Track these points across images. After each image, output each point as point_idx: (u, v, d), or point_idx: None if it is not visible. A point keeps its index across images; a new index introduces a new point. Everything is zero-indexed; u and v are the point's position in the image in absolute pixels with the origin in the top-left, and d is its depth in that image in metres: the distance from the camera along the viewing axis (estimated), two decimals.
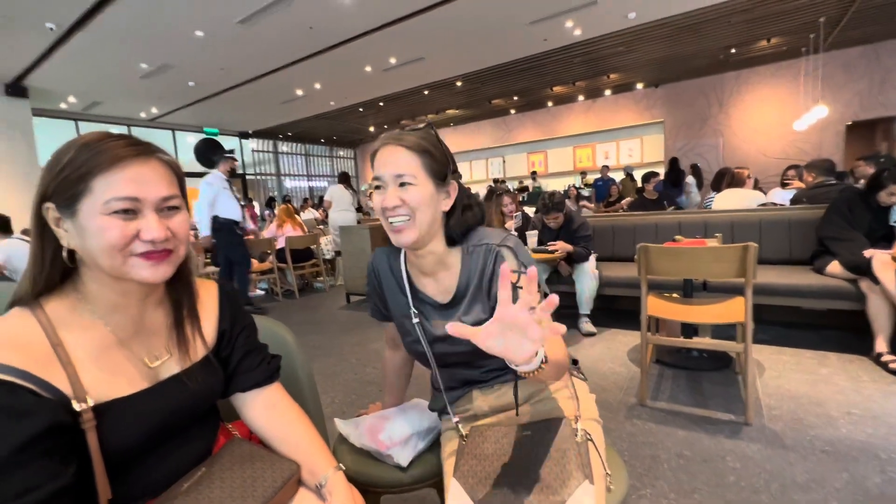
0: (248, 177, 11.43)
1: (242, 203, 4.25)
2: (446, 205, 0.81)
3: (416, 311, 0.86)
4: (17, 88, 6.38)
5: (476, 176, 11.78)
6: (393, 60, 6.52)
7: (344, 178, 5.85)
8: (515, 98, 9.54)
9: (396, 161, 0.76)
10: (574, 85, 8.73)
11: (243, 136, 11.03)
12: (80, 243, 0.55)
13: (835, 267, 2.35)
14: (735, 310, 1.79)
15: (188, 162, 9.59)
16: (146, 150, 0.58)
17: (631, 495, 1.36)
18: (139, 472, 0.61)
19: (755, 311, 1.74)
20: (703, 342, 1.85)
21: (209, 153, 4.12)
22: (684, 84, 8.84)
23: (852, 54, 7.29)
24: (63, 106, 7.60)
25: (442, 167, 0.78)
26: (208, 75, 6.57)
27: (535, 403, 0.85)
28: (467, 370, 0.88)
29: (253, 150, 11.51)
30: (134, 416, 0.59)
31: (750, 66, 8.06)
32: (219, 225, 3.96)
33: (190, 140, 9.82)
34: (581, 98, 9.87)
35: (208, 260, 5.47)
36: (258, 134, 11.23)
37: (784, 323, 2.77)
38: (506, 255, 0.80)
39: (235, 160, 4.17)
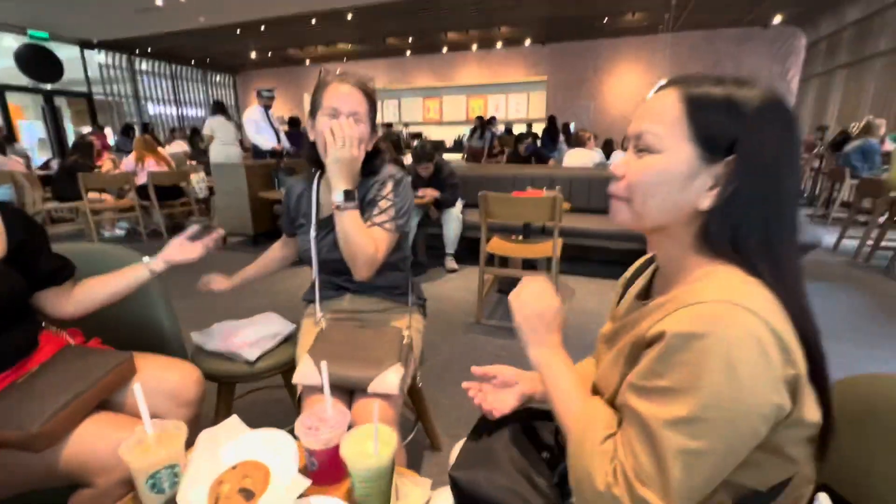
0: (95, 97, 9.61)
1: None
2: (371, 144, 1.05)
3: (316, 228, 1.09)
4: None
5: None
6: None
7: (220, 108, 5.34)
8: (410, 39, 9.33)
9: (353, 100, 0.99)
10: (468, 33, 8.83)
11: (86, 45, 9.11)
12: None
13: None
14: (546, 248, 2.29)
15: (7, 69, 7.78)
16: None
17: (455, 383, 1.79)
18: None
19: (579, 249, 2.22)
20: (517, 272, 2.36)
21: (37, 62, 3.51)
22: (567, 45, 9.50)
23: (696, 37, 8.52)
24: None
25: (374, 114, 1.04)
26: None
27: (381, 313, 1.15)
28: (344, 283, 1.13)
29: (101, 65, 9.63)
30: None
31: (619, 37, 8.94)
32: (257, 153, 4.78)
33: (8, 43, 7.87)
34: (475, 48, 10.04)
35: (48, 195, 4.76)
36: (106, 45, 9.38)
37: (592, 259, 3.47)
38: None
39: (272, 97, 4.70)
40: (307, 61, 11.24)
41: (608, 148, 5.39)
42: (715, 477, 0.44)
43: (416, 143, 8.43)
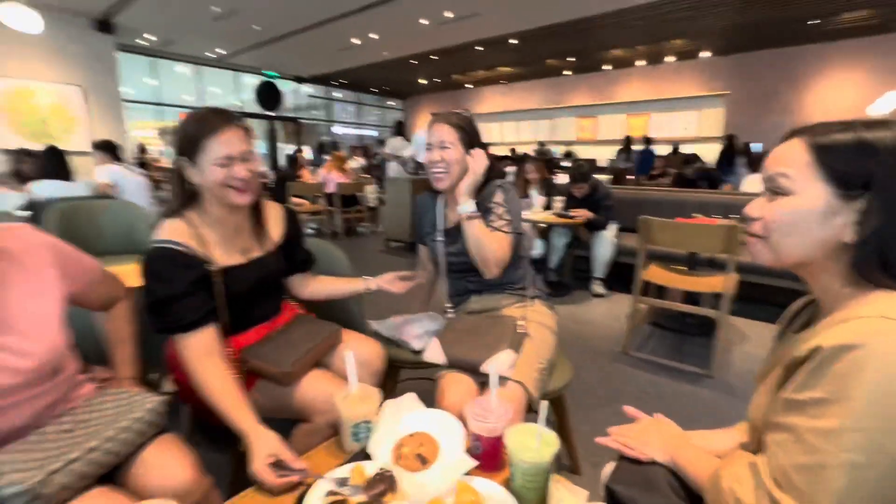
0: (300, 121, 11.93)
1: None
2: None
3: (443, 237, 1.30)
4: (104, 25, 6.97)
5: (523, 137, 11.68)
6: (449, 14, 6.55)
7: (400, 129, 6.14)
8: (570, 59, 9.27)
9: (441, 133, 1.20)
10: (634, 49, 8.38)
11: (298, 80, 11.41)
12: (202, 180, 0.91)
13: None
14: (716, 282, 2.04)
15: (247, 101, 10.21)
16: (230, 120, 0.90)
17: (595, 409, 1.73)
18: (246, 311, 1.01)
19: (755, 288, 1.96)
20: (678, 305, 2.13)
21: (269, 96, 4.50)
22: (755, 55, 8.25)
23: None
24: (142, 42, 8.21)
25: (470, 139, 1.21)
26: (272, 20, 6.89)
27: (498, 310, 1.27)
28: (469, 283, 1.30)
29: (309, 96, 11.93)
30: (240, 277, 0.97)
31: (831, 41, 7.41)
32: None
33: (248, 81, 10.32)
34: (640, 63, 9.45)
35: None
36: (313, 79, 11.57)
37: (775, 302, 2.94)
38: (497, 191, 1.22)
39: None
40: (469, 85, 12.05)
41: None
42: (883, 497, 0.42)
43: (563, 163, 8.28)
